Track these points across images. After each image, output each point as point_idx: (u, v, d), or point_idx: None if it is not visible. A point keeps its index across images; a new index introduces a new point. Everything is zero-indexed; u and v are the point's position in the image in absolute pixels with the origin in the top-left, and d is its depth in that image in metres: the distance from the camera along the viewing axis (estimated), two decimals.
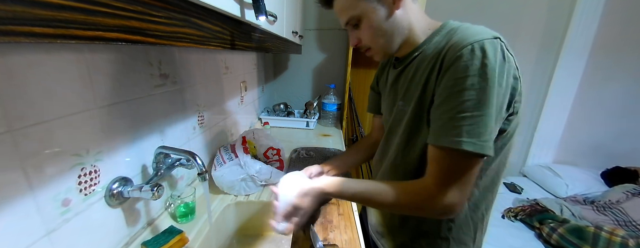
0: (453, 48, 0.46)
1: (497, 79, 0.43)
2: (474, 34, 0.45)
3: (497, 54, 0.43)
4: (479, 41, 0.44)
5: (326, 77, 1.96)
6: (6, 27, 0.17)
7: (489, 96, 0.43)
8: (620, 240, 1.31)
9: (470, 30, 0.48)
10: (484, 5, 2.10)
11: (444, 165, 0.48)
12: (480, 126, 0.43)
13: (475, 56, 0.43)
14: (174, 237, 0.64)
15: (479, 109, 0.43)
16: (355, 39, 0.60)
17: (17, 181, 0.40)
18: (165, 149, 0.67)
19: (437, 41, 0.54)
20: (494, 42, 0.44)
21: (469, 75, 0.43)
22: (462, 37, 0.47)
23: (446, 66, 0.46)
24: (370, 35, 0.57)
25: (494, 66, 0.43)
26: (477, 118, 0.43)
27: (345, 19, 0.58)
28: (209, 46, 0.43)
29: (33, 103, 0.41)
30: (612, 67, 2.12)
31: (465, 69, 0.43)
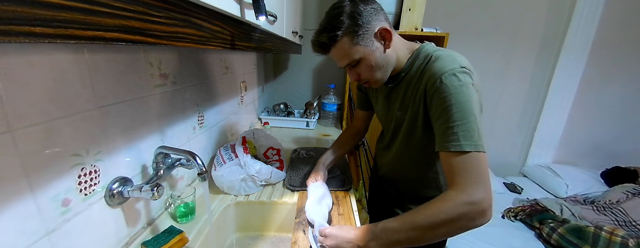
0: (433, 76, 0.61)
1: (471, 94, 0.57)
2: (448, 65, 0.60)
3: (465, 78, 0.58)
4: (452, 70, 0.59)
5: (326, 77, 1.96)
6: (6, 27, 0.17)
7: (469, 107, 0.56)
8: (620, 240, 1.32)
9: (443, 61, 0.62)
10: (484, 6, 2.10)
11: (455, 168, 0.56)
12: (470, 130, 0.56)
13: (451, 81, 0.58)
14: (174, 237, 0.64)
15: (464, 118, 0.56)
16: (355, 75, 0.72)
17: (17, 181, 0.40)
18: (165, 149, 0.67)
19: (418, 64, 0.69)
20: (461, 70, 0.59)
21: (451, 94, 0.57)
22: (439, 67, 0.61)
23: (431, 91, 0.61)
24: (371, 70, 0.69)
25: (467, 85, 0.58)
26: (465, 124, 0.56)
27: (345, 63, 0.68)
28: (209, 46, 0.43)
29: (33, 103, 0.41)
30: (612, 67, 2.12)
31: (447, 90, 0.58)
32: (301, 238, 0.71)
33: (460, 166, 0.56)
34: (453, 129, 0.56)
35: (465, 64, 0.60)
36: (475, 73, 0.61)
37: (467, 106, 0.56)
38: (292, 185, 0.94)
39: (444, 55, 0.63)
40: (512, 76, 2.28)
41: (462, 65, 0.59)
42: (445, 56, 0.63)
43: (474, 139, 0.55)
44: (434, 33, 1.54)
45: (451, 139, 0.56)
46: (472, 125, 0.55)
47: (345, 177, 1.01)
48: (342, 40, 0.64)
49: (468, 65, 0.61)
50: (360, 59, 0.66)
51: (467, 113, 0.56)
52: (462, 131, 0.55)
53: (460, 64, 0.59)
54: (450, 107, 0.57)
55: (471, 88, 0.57)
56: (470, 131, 0.55)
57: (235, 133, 1.29)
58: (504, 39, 2.19)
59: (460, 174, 0.55)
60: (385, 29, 0.65)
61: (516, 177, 2.40)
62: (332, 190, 0.93)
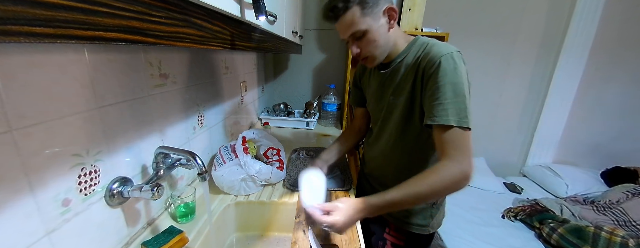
0: (432, 58, 0.65)
1: (464, 77, 0.64)
2: (445, 49, 0.65)
3: (461, 61, 0.65)
4: (450, 53, 0.64)
5: (326, 77, 1.96)
6: (6, 27, 0.17)
7: (462, 87, 0.62)
8: (620, 240, 1.32)
9: (440, 46, 0.67)
10: (484, 5, 2.10)
11: (447, 141, 0.63)
12: (460, 108, 0.62)
13: (449, 63, 0.63)
14: (174, 237, 0.64)
15: (457, 97, 0.62)
16: (356, 48, 0.73)
17: (17, 181, 0.40)
18: (165, 149, 0.67)
19: (414, 51, 0.72)
20: (458, 54, 0.65)
21: (447, 75, 0.63)
22: (437, 50, 0.66)
23: (429, 71, 0.65)
24: (373, 47, 0.71)
25: (461, 68, 0.64)
26: (457, 103, 0.62)
27: (351, 32, 0.69)
28: (209, 46, 0.43)
29: (33, 103, 0.41)
30: (612, 67, 2.12)
31: (444, 71, 0.63)
32: (301, 238, 0.71)
33: (451, 140, 0.62)
34: (445, 105, 0.62)
35: (456, 49, 0.67)
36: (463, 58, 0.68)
37: (459, 87, 0.62)
38: (292, 185, 0.94)
39: (439, 43, 0.69)
40: (512, 76, 2.28)
41: (457, 50, 0.66)
42: (441, 43, 0.69)
43: (461, 116, 0.61)
44: (434, 33, 1.54)
45: (442, 114, 0.62)
46: (462, 104, 0.62)
47: (345, 177, 1.01)
48: (353, 8, 0.67)
49: (460, 52, 0.67)
50: (365, 32, 0.68)
51: (459, 92, 0.62)
52: (453, 108, 0.61)
53: (455, 49, 0.66)
54: (444, 86, 0.62)
55: (463, 71, 0.64)
56: (460, 109, 0.61)
57: (235, 133, 1.29)
58: (504, 39, 2.19)
59: (451, 147, 0.62)
60: (392, 8, 0.69)
61: (516, 177, 2.40)
62: (332, 190, 0.93)
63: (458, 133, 0.62)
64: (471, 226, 1.61)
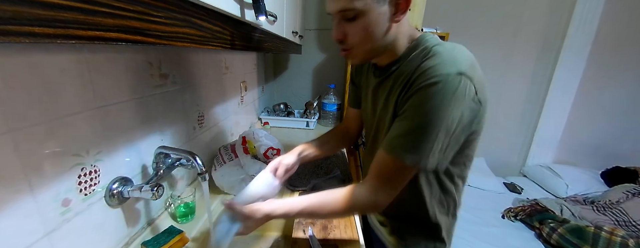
0: (422, 77, 0.51)
1: (449, 110, 0.48)
2: (442, 67, 0.49)
3: (458, 87, 0.48)
4: (443, 76, 0.48)
5: (326, 77, 1.96)
6: (6, 27, 0.17)
7: (438, 122, 0.49)
8: (620, 240, 1.32)
9: (445, 57, 0.51)
10: (484, 5, 2.10)
11: (384, 170, 0.55)
12: (423, 146, 0.50)
13: (436, 89, 0.48)
14: (174, 237, 0.64)
15: (427, 133, 0.50)
16: (341, 33, 0.56)
17: (17, 181, 0.40)
18: (165, 149, 0.67)
19: (412, 58, 0.57)
20: (455, 79, 0.48)
21: (428, 105, 0.49)
22: (433, 68, 0.50)
23: (413, 90, 0.52)
24: (362, 36, 0.54)
25: (448, 100, 0.48)
26: (423, 142, 0.50)
27: (342, 6, 0.52)
28: (209, 46, 0.43)
29: (33, 103, 0.41)
30: (612, 67, 2.12)
31: (427, 99, 0.49)
32: (301, 238, 0.71)
33: (391, 172, 0.54)
34: (408, 137, 0.51)
35: (465, 67, 0.49)
36: (478, 76, 0.51)
37: (438, 123, 0.49)
38: (292, 185, 0.94)
39: (444, 53, 0.52)
40: (512, 76, 2.28)
41: (461, 70, 0.48)
42: (445, 54, 0.52)
43: (421, 154, 0.50)
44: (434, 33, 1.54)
45: (401, 146, 0.52)
46: (427, 143, 0.50)
47: (345, 177, 1.01)
48: None
49: (469, 68, 0.49)
50: (360, 13, 0.51)
51: (432, 129, 0.49)
52: (416, 142, 0.50)
53: (458, 69, 0.48)
54: (420, 114, 0.50)
55: (458, 101, 0.48)
56: (423, 147, 0.50)
57: (235, 133, 1.29)
58: (504, 39, 2.19)
59: (382, 178, 0.55)
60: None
61: (516, 177, 2.40)
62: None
63: (403, 168, 0.53)
64: (471, 226, 1.61)
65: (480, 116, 0.54)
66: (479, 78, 0.51)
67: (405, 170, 0.53)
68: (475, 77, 0.50)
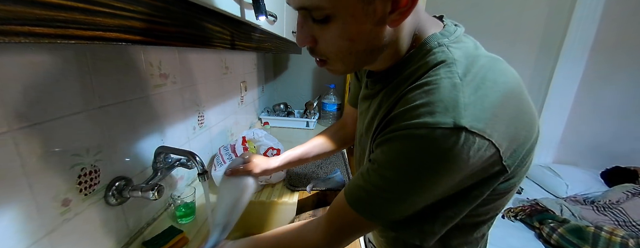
0: (402, 117, 0.35)
1: (435, 182, 0.34)
2: (433, 110, 0.32)
3: (444, 155, 0.31)
4: (429, 129, 0.31)
5: (326, 77, 1.96)
6: (6, 27, 0.17)
7: (417, 196, 0.35)
8: (620, 240, 1.31)
9: (434, 94, 0.33)
10: (484, 6, 2.10)
11: (339, 218, 0.43)
12: (395, 213, 0.37)
13: (414, 148, 0.33)
14: (174, 237, 0.64)
15: (399, 204, 0.36)
16: (309, 37, 0.39)
17: (17, 182, 0.40)
18: (165, 149, 0.67)
19: (407, 75, 0.40)
20: (448, 136, 0.31)
21: (401, 165, 0.35)
22: (420, 105, 0.33)
23: (387, 133, 0.36)
24: (338, 45, 0.38)
25: (433, 165, 0.33)
26: (394, 208, 0.37)
27: (302, 2, 0.36)
28: (209, 46, 0.43)
29: (33, 102, 0.41)
30: (612, 67, 2.12)
31: (400, 155, 0.35)
32: None
33: (341, 221, 0.43)
34: (370, 193, 0.38)
35: (472, 114, 0.31)
36: (507, 119, 0.33)
37: (414, 197, 0.35)
38: (292, 185, 0.94)
39: (445, 85, 0.34)
40: None
41: (459, 122, 0.30)
42: (445, 88, 0.33)
43: (384, 216, 0.38)
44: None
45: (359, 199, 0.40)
46: (401, 211, 0.37)
47: (345, 177, 1.01)
48: None
49: (482, 115, 0.31)
50: (334, 15, 0.34)
51: (406, 201, 0.36)
52: (380, 206, 0.38)
53: (455, 120, 0.31)
54: (387, 179, 0.36)
55: (454, 167, 0.32)
56: (390, 212, 0.37)
57: (235, 133, 1.29)
58: (504, 40, 2.19)
59: (336, 225, 0.43)
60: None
61: None
62: (332, 190, 0.93)
63: (348, 213, 0.40)
64: None
65: (512, 176, 0.37)
66: (510, 123, 0.33)
67: (364, 224, 0.41)
68: (495, 127, 0.32)
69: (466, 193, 0.36)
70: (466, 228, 0.46)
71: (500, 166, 0.34)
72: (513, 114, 0.34)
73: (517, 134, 0.34)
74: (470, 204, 0.37)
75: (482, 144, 0.31)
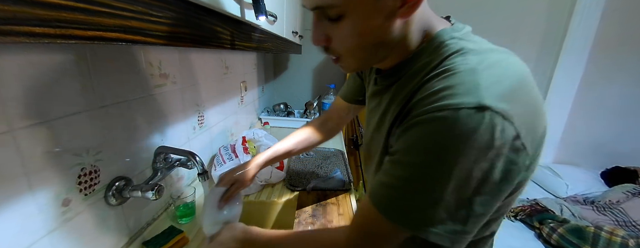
0: (423, 103, 0.34)
1: (462, 160, 0.31)
2: (456, 92, 0.32)
3: (470, 133, 0.30)
4: (453, 107, 0.31)
5: (326, 77, 1.96)
6: (6, 27, 0.17)
7: (442, 176, 0.33)
8: (620, 240, 1.31)
9: (455, 79, 0.33)
10: (483, 5, 2.10)
11: (366, 223, 0.41)
12: (418, 206, 0.35)
13: (438, 130, 0.32)
14: (174, 237, 0.64)
15: (424, 190, 0.34)
16: (323, 35, 0.40)
17: (17, 182, 0.40)
18: (165, 149, 0.67)
19: (419, 68, 0.40)
20: (473, 116, 0.30)
21: (424, 145, 0.33)
22: (441, 90, 0.33)
23: (409, 122, 0.35)
24: (351, 42, 0.39)
25: (459, 146, 0.31)
26: (416, 196, 0.35)
27: (323, 2, 0.36)
28: (209, 46, 0.43)
29: (33, 103, 0.41)
30: (612, 67, 2.12)
31: (423, 141, 0.33)
32: None
33: (368, 226, 0.40)
34: (395, 190, 0.36)
35: (494, 94, 0.31)
36: (522, 106, 0.33)
37: (441, 177, 0.32)
38: (292, 185, 0.94)
39: (464, 70, 0.34)
40: None
41: (483, 102, 0.30)
42: (465, 73, 0.33)
43: (406, 213, 0.35)
44: None
45: (383, 198, 0.37)
46: (427, 205, 0.34)
47: (345, 177, 1.01)
48: None
49: (503, 96, 0.31)
50: (344, 11, 0.36)
51: (432, 185, 0.33)
52: (407, 201, 0.35)
53: (479, 99, 0.30)
54: (413, 163, 0.34)
55: (478, 149, 0.31)
56: (418, 210, 0.35)
57: (235, 133, 1.29)
58: (504, 39, 2.19)
59: (362, 233, 0.41)
60: None
61: None
62: (332, 190, 0.93)
63: (374, 216, 0.38)
64: None
65: (530, 165, 0.36)
66: (526, 107, 0.33)
67: (393, 230, 0.37)
68: (515, 110, 0.31)
69: (494, 187, 0.34)
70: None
71: (524, 152, 0.33)
72: (528, 100, 0.34)
73: (532, 122, 0.34)
74: (499, 198, 0.36)
75: (506, 125, 0.30)
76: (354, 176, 1.08)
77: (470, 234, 0.36)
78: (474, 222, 0.35)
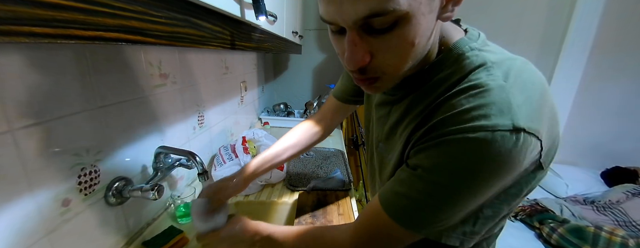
0: (453, 122, 0.33)
1: (490, 184, 0.33)
2: (489, 113, 0.31)
3: (504, 156, 0.30)
4: (490, 132, 0.30)
5: (326, 77, 1.96)
6: (6, 27, 0.17)
7: (468, 200, 0.34)
8: (620, 240, 1.31)
9: (487, 98, 0.32)
10: (484, 6, 2.10)
11: (373, 226, 0.41)
12: (437, 218, 0.35)
13: (474, 151, 0.31)
14: (174, 237, 0.64)
15: (446, 203, 0.34)
16: (367, 54, 0.33)
17: (17, 182, 0.40)
18: (165, 149, 0.67)
19: (438, 81, 0.38)
20: (509, 137, 0.30)
21: (456, 171, 0.33)
22: (472, 110, 0.32)
23: (435, 139, 0.34)
24: (401, 52, 0.33)
25: (492, 166, 0.31)
26: (438, 209, 0.35)
27: (372, 8, 0.28)
28: (209, 46, 0.43)
29: (33, 103, 0.41)
30: (612, 67, 2.12)
31: (455, 160, 0.33)
32: None
33: (376, 230, 0.40)
34: (413, 201, 0.36)
35: (527, 115, 0.31)
36: (548, 118, 0.33)
37: (466, 193, 0.33)
38: (292, 185, 0.94)
39: (495, 89, 0.32)
40: None
41: (518, 124, 0.30)
42: (496, 93, 0.32)
43: (427, 226, 0.36)
44: None
45: (399, 206, 0.37)
46: (443, 215, 0.35)
47: (345, 177, 1.01)
48: None
49: (533, 115, 0.31)
50: (404, 17, 0.29)
51: (455, 200, 0.34)
52: (422, 209, 0.36)
53: (514, 121, 0.30)
54: (439, 180, 0.34)
55: (508, 168, 0.31)
56: (431, 218, 0.35)
57: (235, 133, 1.29)
58: (504, 39, 2.19)
59: (369, 235, 0.41)
60: None
61: None
62: (332, 190, 0.93)
63: (383, 221, 0.38)
64: None
65: (542, 178, 0.37)
66: (550, 122, 0.34)
67: (402, 235, 0.38)
68: (543, 128, 0.32)
69: (506, 192, 0.36)
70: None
71: (538, 164, 0.34)
72: (550, 114, 0.34)
73: (552, 133, 0.35)
74: (508, 203, 0.37)
75: (536, 144, 0.31)
76: (354, 176, 1.08)
77: (479, 234, 0.38)
78: (483, 224, 0.37)
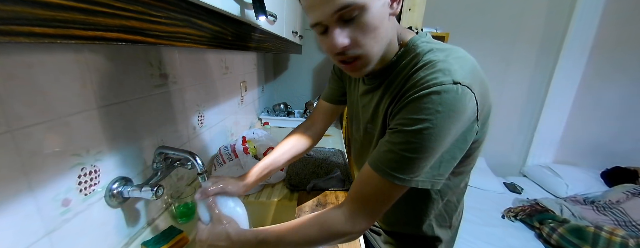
0: (414, 86, 0.45)
1: (446, 126, 0.42)
2: (437, 76, 0.43)
3: (452, 102, 0.42)
4: (438, 86, 0.42)
5: (326, 77, 1.96)
6: (6, 27, 0.17)
7: (433, 142, 0.43)
8: (620, 240, 1.32)
9: (433, 68, 0.44)
10: (484, 6, 2.10)
11: (367, 189, 0.49)
12: (415, 166, 0.45)
13: (430, 101, 0.42)
14: (174, 237, 0.64)
15: (419, 153, 0.44)
16: (345, 38, 0.45)
17: (17, 181, 0.40)
18: (165, 149, 0.67)
19: (402, 67, 0.50)
20: (452, 88, 0.41)
21: (420, 118, 0.43)
22: (426, 76, 0.44)
23: (405, 101, 0.45)
24: (370, 38, 0.46)
25: (445, 114, 0.42)
26: (415, 159, 0.44)
27: (340, 3, 0.42)
28: (209, 46, 0.43)
29: (33, 103, 0.41)
30: (612, 67, 2.12)
31: (419, 111, 0.43)
32: None
33: (370, 190, 0.48)
34: (398, 157, 0.45)
35: (461, 75, 0.43)
36: (479, 83, 0.45)
37: (431, 143, 0.43)
38: (292, 185, 0.94)
39: (437, 63, 0.45)
40: (512, 76, 2.28)
41: (456, 80, 0.42)
42: (438, 65, 0.44)
43: (409, 171, 0.45)
44: (434, 33, 1.54)
45: (390, 165, 0.46)
46: (423, 161, 0.44)
47: (345, 177, 1.01)
48: None
49: (467, 76, 0.43)
50: (362, 7, 0.42)
51: (425, 149, 0.43)
52: (407, 163, 0.44)
53: (453, 78, 0.42)
54: (411, 132, 0.43)
55: (456, 113, 0.42)
56: (415, 167, 0.44)
57: (235, 133, 1.29)
58: (504, 39, 2.19)
59: (364, 198, 0.49)
60: None
61: (516, 177, 2.40)
62: (332, 189, 0.93)
63: (390, 187, 0.47)
64: (471, 226, 1.61)
65: (482, 127, 0.48)
66: (481, 86, 0.45)
67: (392, 189, 0.47)
68: (475, 85, 0.43)
69: (457, 139, 0.46)
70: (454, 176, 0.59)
71: (475, 121, 0.46)
72: (480, 81, 0.46)
73: (484, 96, 0.46)
74: (460, 149, 0.47)
75: (471, 96, 0.43)
76: (354, 176, 1.08)
77: (445, 176, 0.48)
78: (446, 167, 0.47)
